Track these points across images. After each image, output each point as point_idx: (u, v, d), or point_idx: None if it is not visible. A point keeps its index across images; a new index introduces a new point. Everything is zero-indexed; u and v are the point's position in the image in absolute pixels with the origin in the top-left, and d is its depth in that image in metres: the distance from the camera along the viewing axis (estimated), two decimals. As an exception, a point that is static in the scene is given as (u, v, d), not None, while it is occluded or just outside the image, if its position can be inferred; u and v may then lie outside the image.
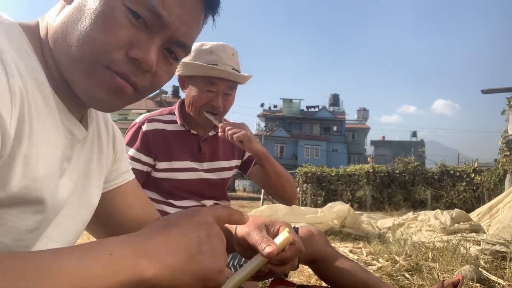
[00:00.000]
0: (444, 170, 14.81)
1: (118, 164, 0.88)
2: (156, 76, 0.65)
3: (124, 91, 0.62)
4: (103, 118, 0.83)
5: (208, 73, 1.55)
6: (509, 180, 9.49)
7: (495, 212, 5.39)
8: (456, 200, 13.55)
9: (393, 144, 51.80)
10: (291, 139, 44.94)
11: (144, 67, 0.61)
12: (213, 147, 1.70)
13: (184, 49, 0.67)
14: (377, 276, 2.28)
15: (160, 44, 0.63)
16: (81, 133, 0.69)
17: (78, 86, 0.62)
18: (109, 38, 0.58)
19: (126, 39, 0.59)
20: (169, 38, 0.63)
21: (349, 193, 15.09)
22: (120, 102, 0.64)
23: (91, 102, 0.64)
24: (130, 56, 0.60)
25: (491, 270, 2.32)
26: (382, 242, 4.06)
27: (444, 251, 2.77)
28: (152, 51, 0.61)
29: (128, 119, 40.14)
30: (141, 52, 0.60)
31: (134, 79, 0.62)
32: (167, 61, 0.66)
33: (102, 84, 0.61)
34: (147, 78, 0.64)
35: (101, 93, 0.61)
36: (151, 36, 0.61)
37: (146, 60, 0.60)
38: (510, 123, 9.08)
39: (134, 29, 0.60)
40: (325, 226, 5.08)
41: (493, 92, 9.24)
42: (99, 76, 0.60)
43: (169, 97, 45.78)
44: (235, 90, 1.65)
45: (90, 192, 0.77)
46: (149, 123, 1.61)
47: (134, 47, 0.60)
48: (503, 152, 10.39)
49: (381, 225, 6.01)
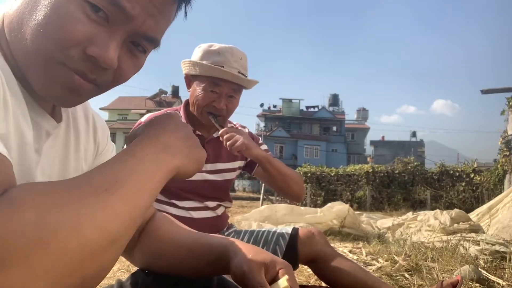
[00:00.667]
0: (443, 170, 14.81)
1: (101, 157, 0.83)
2: (120, 70, 0.61)
3: (81, 88, 0.58)
4: (82, 108, 0.78)
5: (213, 74, 1.54)
6: (508, 180, 9.50)
7: (495, 212, 5.39)
8: (455, 200, 13.55)
9: (393, 144, 51.79)
10: (290, 139, 44.92)
11: (103, 65, 0.57)
12: (217, 149, 1.70)
13: (152, 43, 0.62)
14: (377, 276, 2.28)
15: (122, 39, 0.58)
16: (49, 125, 0.65)
17: (34, 81, 0.58)
18: (64, 35, 0.54)
19: (82, 35, 0.54)
20: (133, 32, 0.58)
21: (349, 193, 15.09)
22: (79, 98, 0.61)
23: (48, 98, 0.61)
24: (88, 54, 0.55)
25: (491, 270, 2.32)
26: (381, 242, 4.06)
27: (444, 251, 2.77)
28: (112, 48, 0.56)
29: (128, 119, 40.09)
30: (100, 50, 0.55)
31: (92, 77, 0.58)
32: (132, 55, 0.62)
33: (58, 81, 0.57)
34: (108, 74, 0.60)
35: (57, 90, 0.58)
36: (111, 31, 0.56)
37: (105, 59, 0.56)
38: (510, 123, 9.09)
39: (92, 24, 0.55)
40: (325, 226, 5.08)
41: (492, 92, 9.25)
42: (54, 73, 0.56)
43: (168, 97, 45.74)
44: (240, 94, 1.64)
45: None
46: None
47: (92, 44, 0.55)
48: (502, 152, 10.39)
49: (381, 225, 6.01)
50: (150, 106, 43.46)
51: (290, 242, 1.60)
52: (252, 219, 5.61)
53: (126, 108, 42.38)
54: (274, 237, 1.64)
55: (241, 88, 1.62)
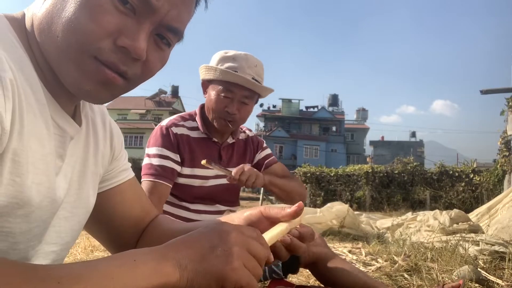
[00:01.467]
0: (443, 170, 14.81)
1: (116, 162, 0.85)
2: (147, 63, 0.62)
3: (113, 82, 0.59)
4: (100, 113, 0.80)
5: (226, 78, 1.56)
6: (508, 181, 9.51)
7: (494, 213, 5.39)
8: (455, 201, 13.56)
9: (392, 144, 51.82)
10: (290, 139, 44.92)
11: (134, 56, 0.58)
12: (229, 154, 1.74)
13: (176, 34, 0.63)
14: (376, 276, 2.28)
15: (149, 30, 0.59)
16: (73, 129, 0.67)
17: (66, 78, 0.59)
18: (95, 27, 0.55)
19: (113, 26, 0.56)
20: (158, 23, 0.60)
21: (348, 193, 15.09)
22: (110, 93, 0.62)
23: (80, 94, 0.61)
24: (118, 45, 0.57)
25: (490, 271, 2.32)
26: (381, 242, 4.06)
27: (443, 252, 2.77)
28: (141, 38, 0.58)
29: (128, 119, 40.06)
30: (130, 40, 0.57)
31: (124, 68, 0.59)
32: (158, 47, 0.63)
33: (90, 76, 0.58)
34: (138, 66, 0.61)
35: (89, 85, 0.58)
36: (139, 22, 0.58)
37: (135, 48, 0.57)
38: (509, 124, 9.09)
39: (121, 15, 0.57)
40: (324, 226, 5.08)
41: (492, 93, 9.26)
42: (86, 67, 0.57)
43: (168, 97, 45.72)
44: (253, 102, 1.65)
45: (86, 192, 0.74)
46: (177, 127, 1.62)
47: (122, 34, 0.57)
48: (502, 153, 10.40)
49: (380, 225, 6.02)
50: (149, 106, 43.44)
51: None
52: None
53: (125, 108, 42.35)
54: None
55: (255, 95, 1.63)
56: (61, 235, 0.70)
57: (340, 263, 1.55)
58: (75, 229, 0.74)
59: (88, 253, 3.31)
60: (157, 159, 1.54)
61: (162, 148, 1.56)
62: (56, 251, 0.70)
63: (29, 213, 0.59)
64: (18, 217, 0.58)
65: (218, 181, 1.68)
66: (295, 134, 46.17)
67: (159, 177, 1.51)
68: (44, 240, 0.66)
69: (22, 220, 0.59)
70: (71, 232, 0.73)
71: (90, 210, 0.77)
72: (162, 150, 1.56)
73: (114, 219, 0.85)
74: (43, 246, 0.67)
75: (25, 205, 0.57)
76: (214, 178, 1.67)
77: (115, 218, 0.85)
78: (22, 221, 0.59)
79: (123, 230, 0.86)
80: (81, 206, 0.74)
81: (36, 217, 0.61)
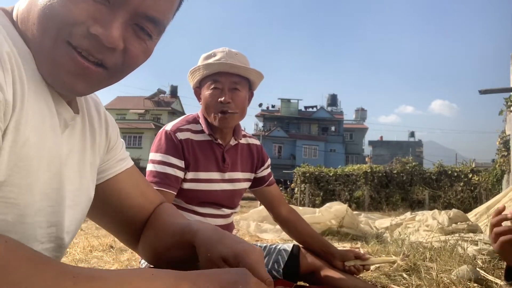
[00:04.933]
0: (442, 170, 14.84)
1: (112, 152, 0.85)
2: (128, 53, 0.61)
3: (87, 72, 0.58)
4: (94, 103, 0.80)
5: (211, 70, 1.58)
6: (506, 180, 9.52)
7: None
8: (453, 200, 13.58)
9: (391, 144, 51.86)
10: (289, 139, 44.90)
11: (106, 44, 0.57)
12: (233, 157, 1.73)
13: (155, 24, 0.62)
14: (375, 276, 2.29)
15: (124, 19, 0.59)
16: (68, 115, 0.67)
17: (41, 68, 0.59)
18: (68, 13, 0.55)
19: (86, 13, 0.56)
20: (134, 12, 0.59)
21: (347, 193, 15.10)
22: (86, 83, 0.61)
23: (56, 86, 0.61)
24: (91, 32, 0.56)
25: (489, 270, 2.32)
26: (380, 242, 4.07)
27: (442, 251, 2.77)
28: (114, 26, 0.57)
29: (127, 119, 39.99)
30: (102, 28, 0.56)
31: (99, 56, 0.58)
32: (138, 37, 0.62)
33: (63, 65, 0.57)
34: (117, 56, 0.60)
35: (63, 74, 0.58)
36: (113, 11, 0.57)
37: (107, 36, 0.56)
38: (508, 123, 9.10)
39: (95, 3, 0.57)
40: (323, 226, 5.08)
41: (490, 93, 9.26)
42: (59, 53, 0.57)
43: (167, 96, 45.68)
44: (245, 87, 1.64)
45: (86, 182, 0.75)
46: (181, 132, 1.61)
47: (96, 23, 0.56)
48: (500, 152, 10.43)
49: (379, 225, 6.01)
50: (148, 106, 43.40)
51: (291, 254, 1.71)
52: (251, 219, 5.60)
53: (124, 108, 42.33)
54: (276, 250, 1.74)
55: (244, 80, 1.62)
56: (65, 223, 0.70)
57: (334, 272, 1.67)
58: (78, 218, 0.75)
59: (87, 253, 3.30)
60: (161, 166, 1.53)
61: (167, 155, 1.56)
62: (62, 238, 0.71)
63: (32, 183, 0.60)
64: (21, 187, 0.58)
65: (223, 185, 1.68)
66: (294, 134, 46.15)
67: (163, 185, 1.51)
68: (50, 222, 0.67)
69: (26, 191, 0.59)
70: (75, 221, 0.74)
71: (91, 199, 0.78)
72: (166, 157, 1.55)
73: (117, 209, 0.85)
74: (52, 229, 0.67)
75: (28, 174, 0.58)
76: (218, 182, 1.67)
77: (117, 208, 0.85)
78: (26, 192, 0.59)
79: (127, 220, 0.86)
80: (83, 194, 0.74)
81: (39, 190, 0.61)
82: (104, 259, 3.10)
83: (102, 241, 3.78)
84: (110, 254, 3.29)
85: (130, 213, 0.86)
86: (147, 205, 0.88)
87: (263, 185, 1.86)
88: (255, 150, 1.83)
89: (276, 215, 1.88)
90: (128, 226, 0.87)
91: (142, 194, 0.88)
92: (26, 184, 0.59)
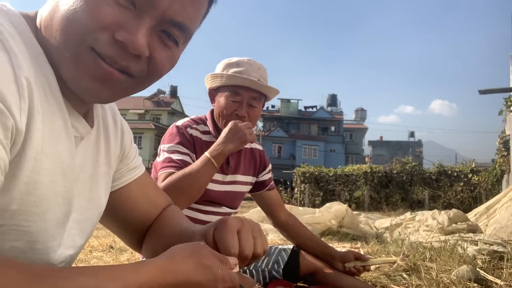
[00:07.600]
0: (441, 170, 14.85)
1: (126, 161, 0.84)
2: (153, 60, 0.59)
3: (111, 78, 0.57)
4: (111, 112, 0.79)
5: (233, 82, 1.59)
6: (506, 180, 9.52)
7: (493, 212, 5.40)
8: (453, 200, 13.59)
9: (391, 144, 51.87)
10: (289, 139, 44.90)
11: (132, 50, 0.55)
12: (237, 160, 1.75)
13: (182, 30, 0.60)
14: (375, 276, 2.28)
15: (150, 25, 0.57)
16: (84, 129, 0.66)
17: (65, 74, 0.57)
18: (93, 18, 0.53)
19: (111, 19, 0.54)
20: (161, 18, 0.57)
21: (347, 193, 15.11)
22: (111, 91, 0.59)
23: (80, 92, 0.59)
24: (116, 39, 0.54)
25: (489, 270, 2.32)
26: (379, 242, 4.07)
27: (442, 251, 2.77)
28: (140, 33, 0.55)
29: (126, 119, 39.12)
30: (128, 34, 0.54)
31: (124, 64, 0.57)
32: (164, 45, 0.60)
33: (88, 70, 0.55)
34: (142, 63, 0.58)
35: (87, 80, 0.56)
36: (139, 16, 0.56)
37: (133, 43, 0.54)
38: (507, 123, 9.10)
39: (120, 9, 0.55)
40: (323, 226, 5.08)
41: (490, 93, 9.26)
42: (83, 59, 0.55)
43: (167, 97, 45.66)
44: (261, 103, 1.67)
45: (98, 193, 0.74)
46: (191, 129, 1.63)
47: (121, 29, 0.54)
48: (500, 152, 10.43)
49: (379, 225, 6.01)
50: (148, 106, 43.40)
51: (291, 255, 1.74)
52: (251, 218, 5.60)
53: (124, 108, 42.28)
54: (276, 250, 1.77)
55: (262, 97, 1.65)
56: (75, 238, 0.70)
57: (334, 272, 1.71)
58: (87, 231, 0.74)
59: (86, 254, 3.30)
60: (177, 154, 1.53)
61: (180, 146, 1.57)
62: (72, 255, 0.71)
63: (45, 211, 0.59)
64: (35, 215, 0.58)
65: (224, 187, 1.69)
66: (294, 134, 46.15)
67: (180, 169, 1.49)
68: (63, 244, 0.66)
69: (39, 218, 0.58)
70: (84, 235, 0.73)
71: (102, 210, 0.77)
72: (180, 147, 1.56)
73: (125, 217, 0.85)
74: (62, 250, 0.66)
75: (41, 202, 0.57)
76: (220, 183, 1.68)
77: (125, 216, 0.85)
78: (39, 220, 0.58)
79: (134, 226, 0.87)
80: (93, 207, 0.73)
81: (52, 216, 0.61)
82: (104, 259, 3.10)
83: (102, 241, 3.78)
84: (110, 254, 3.29)
85: (137, 220, 0.86)
86: (154, 211, 0.89)
87: (263, 189, 1.87)
88: (257, 155, 1.85)
89: (276, 220, 1.90)
90: (134, 231, 0.88)
91: (151, 201, 0.89)
92: (40, 212, 0.58)
